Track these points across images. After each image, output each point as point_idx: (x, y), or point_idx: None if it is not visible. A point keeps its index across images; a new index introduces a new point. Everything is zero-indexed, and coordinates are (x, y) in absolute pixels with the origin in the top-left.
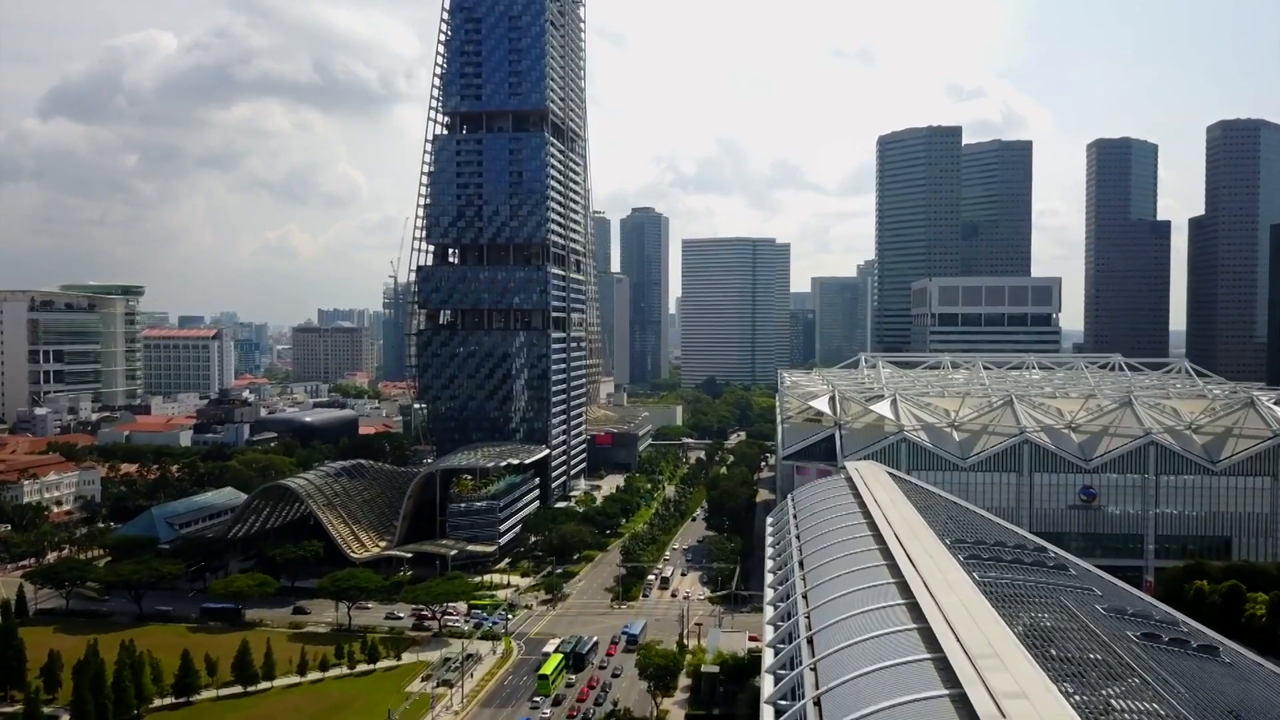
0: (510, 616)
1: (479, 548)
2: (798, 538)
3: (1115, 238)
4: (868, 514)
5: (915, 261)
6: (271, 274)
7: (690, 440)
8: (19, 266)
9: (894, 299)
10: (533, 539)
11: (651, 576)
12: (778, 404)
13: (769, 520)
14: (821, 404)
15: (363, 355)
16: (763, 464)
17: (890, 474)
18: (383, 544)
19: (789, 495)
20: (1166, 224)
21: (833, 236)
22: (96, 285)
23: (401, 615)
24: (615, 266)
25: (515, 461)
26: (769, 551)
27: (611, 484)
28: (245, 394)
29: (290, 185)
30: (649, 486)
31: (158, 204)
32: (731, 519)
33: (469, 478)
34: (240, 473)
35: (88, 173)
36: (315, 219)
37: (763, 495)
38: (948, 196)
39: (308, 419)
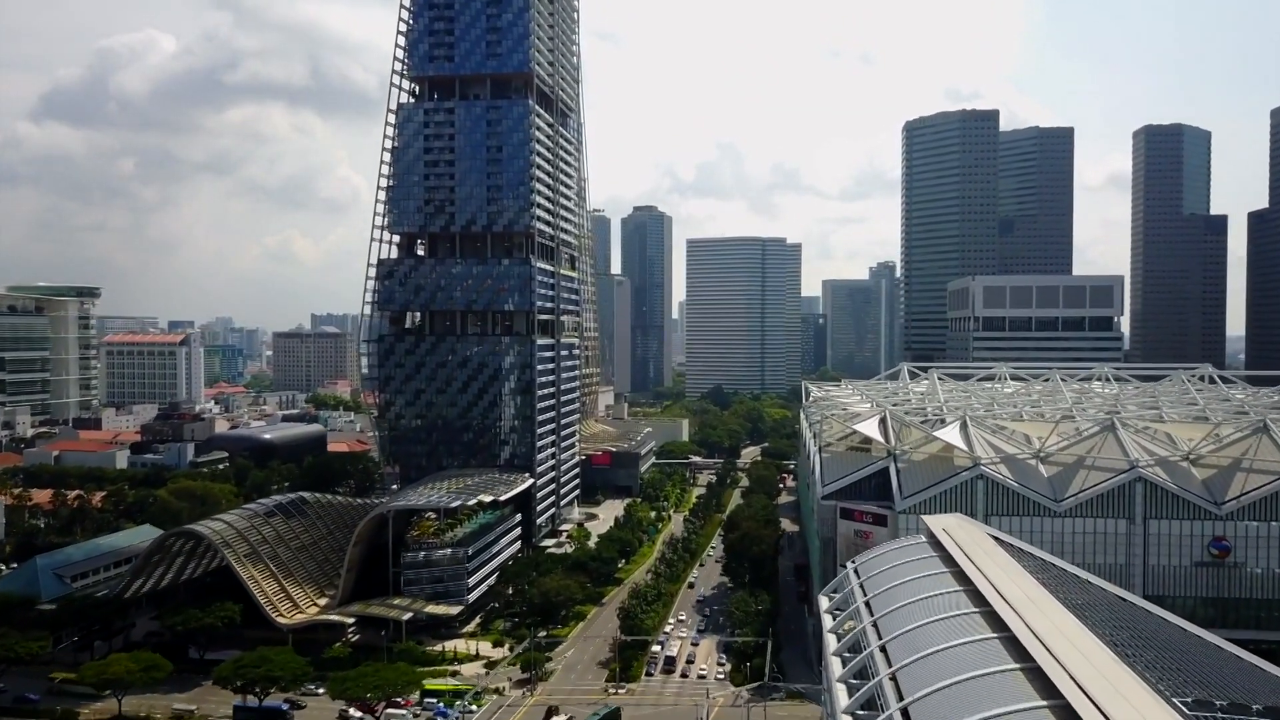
0: (474, 708)
1: (441, 609)
2: (883, 650)
3: (1166, 234)
4: (994, 617)
5: (947, 260)
6: (274, 280)
7: (698, 459)
8: (19, 272)
9: (924, 301)
10: (510, 591)
11: (656, 647)
12: (803, 421)
13: (824, 602)
14: (869, 428)
15: (348, 362)
16: (781, 486)
17: (995, 538)
18: (323, 602)
19: (851, 563)
20: (1223, 219)
21: (834, 241)
22: (46, 286)
23: (355, 715)
24: (616, 268)
25: (488, 498)
26: (835, 669)
27: (609, 511)
28: (209, 405)
29: (290, 190)
30: (652, 516)
31: (158, 210)
32: (754, 567)
33: (432, 517)
34: (169, 504)
35: (86, 178)
36: (317, 224)
37: (785, 525)
38: (984, 188)
39: (266, 436)
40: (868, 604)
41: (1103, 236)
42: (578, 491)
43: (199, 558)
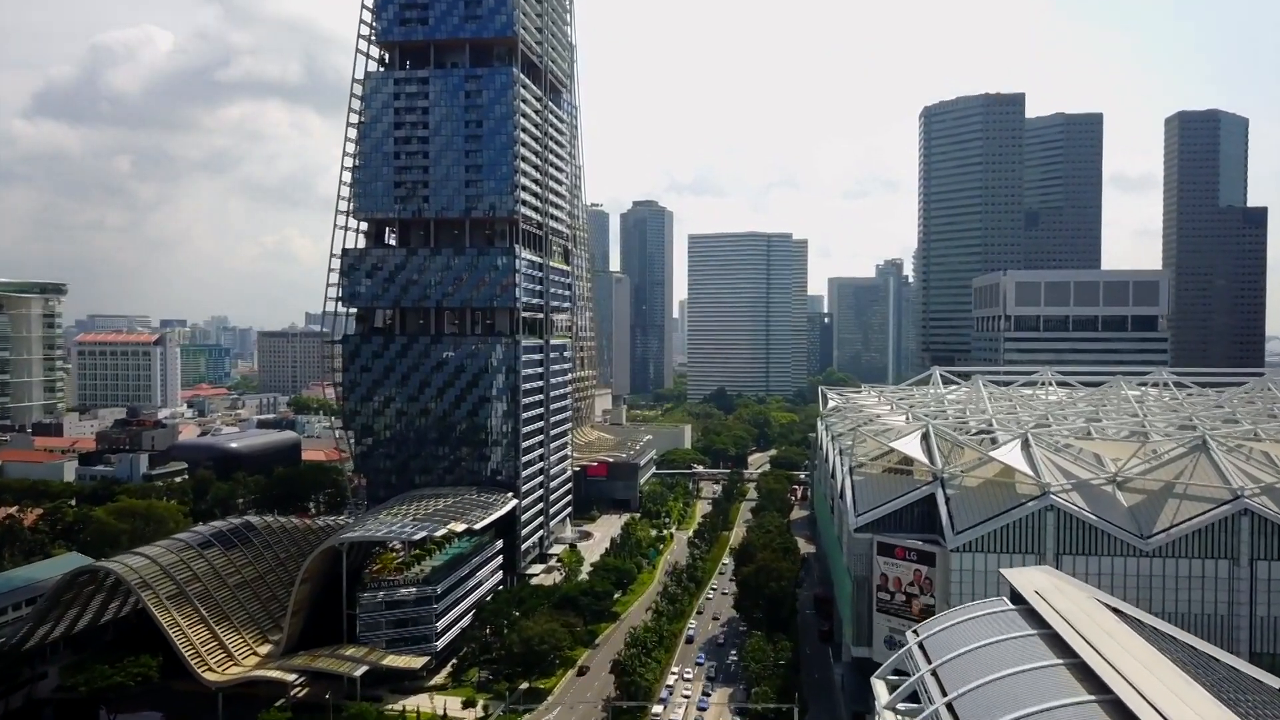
0: None
1: (402, 660)
2: None
3: (1200, 228)
4: None
5: (969, 254)
6: (273, 279)
7: (702, 469)
8: (17, 271)
9: (944, 299)
10: (488, 631)
11: (658, 708)
12: (821, 432)
13: (881, 690)
14: (910, 446)
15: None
16: (793, 499)
17: (1115, 611)
18: (265, 650)
19: (914, 635)
20: (1262, 211)
21: (833, 241)
22: (7, 283)
23: None
24: (615, 265)
25: (460, 526)
26: None
27: (606, 528)
28: (181, 410)
29: (288, 189)
30: (653, 534)
31: (156, 208)
32: (771, 605)
33: (397, 548)
34: (107, 526)
35: (83, 176)
36: (316, 223)
37: (801, 545)
38: (1009, 177)
39: (232, 445)
40: (951, 709)
41: (1104, 236)
42: (570, 509)
43: (123, 595)
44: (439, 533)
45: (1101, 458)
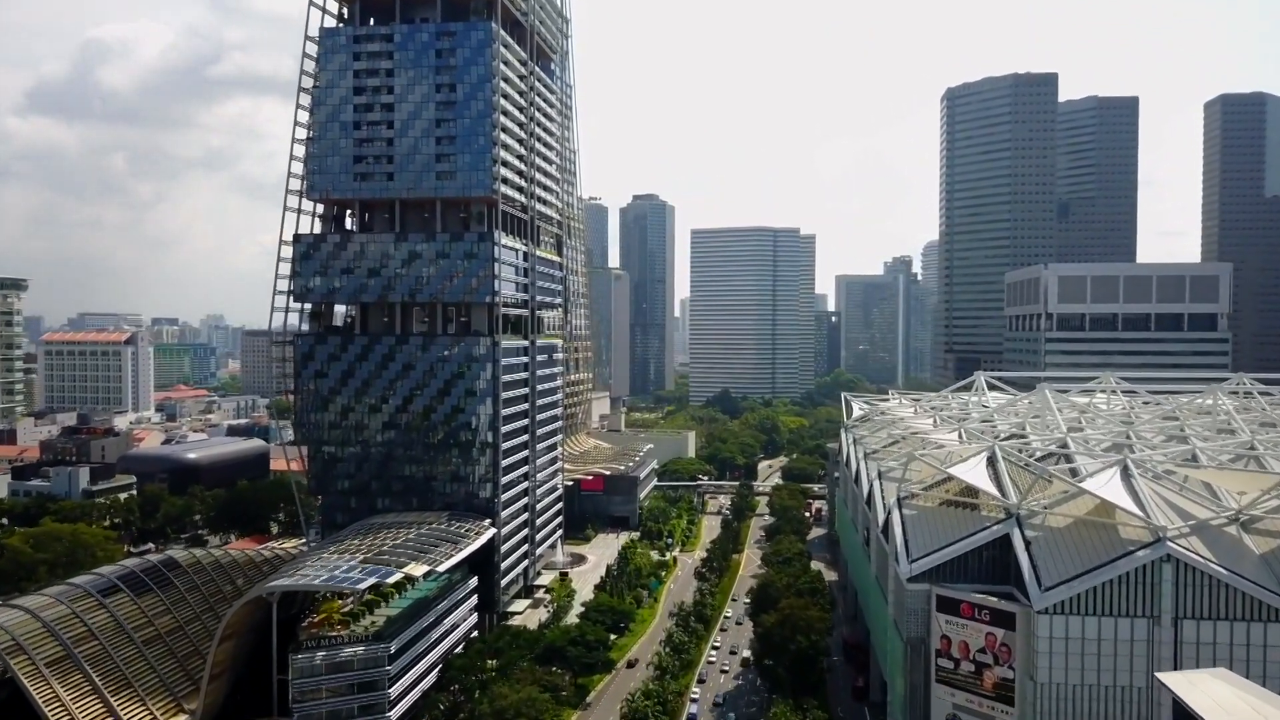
0: None
1: None
2: None
3: (1244, 219)
4: None
5: (996, 248)
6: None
7: (707, 480)
8: (14, 269)
9: (969, 295)
10: (455, 689)
11: None
12: (846, 446)
13: None
14: (973, 473)
15: None
16: (809, 518)
17: None
18: None
19: None
20: None
21: (836, 241)
22: None
23: None
24: (614, 262)
25: (422, 569)
26: None
27: (602, 549)
28: (148, 414)
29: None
30: (654, 559)
31: (154, 206)
32: (798, 665)
33: (344, 594)
34: (21, 555)
35: (80, 174)
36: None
37: (821, 570)
38: (1040, 164)
39: (190, 455)
40: None
41: None
42: (560, 530)
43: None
44: (392, 579)
45: (1216, 490)
